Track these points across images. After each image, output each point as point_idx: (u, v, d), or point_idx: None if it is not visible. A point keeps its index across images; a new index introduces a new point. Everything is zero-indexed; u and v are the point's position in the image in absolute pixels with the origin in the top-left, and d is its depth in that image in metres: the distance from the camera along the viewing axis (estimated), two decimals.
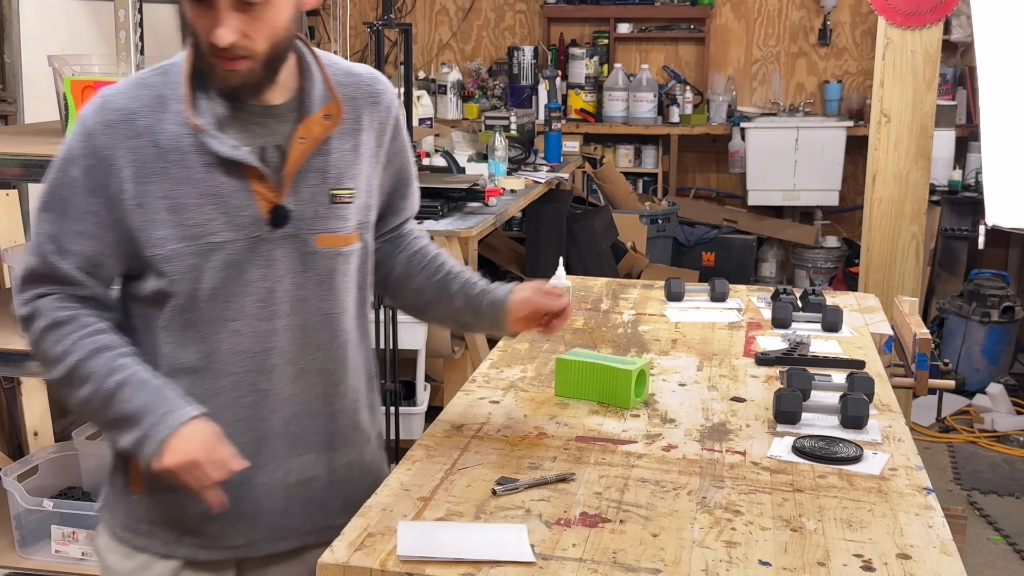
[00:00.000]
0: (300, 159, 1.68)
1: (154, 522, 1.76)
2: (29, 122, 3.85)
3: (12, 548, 2.72)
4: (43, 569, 2.69)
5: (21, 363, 2.62)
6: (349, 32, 6.25)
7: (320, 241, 1.72)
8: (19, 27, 3.93)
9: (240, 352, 1.70)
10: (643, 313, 2.81)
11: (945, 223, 6.14)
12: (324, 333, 1.76)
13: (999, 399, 5.33)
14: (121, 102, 1.65)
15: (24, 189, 3.87)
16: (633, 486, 1.73)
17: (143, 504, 1.76)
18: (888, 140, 4.57)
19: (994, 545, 4.06)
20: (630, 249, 6.03)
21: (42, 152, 2.55)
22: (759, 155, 6.66)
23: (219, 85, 1.63)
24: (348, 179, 1.74)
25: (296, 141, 1.68)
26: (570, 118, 6.97)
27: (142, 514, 1.76)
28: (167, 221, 1.64)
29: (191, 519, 1.74)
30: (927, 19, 4.48)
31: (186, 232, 1.64)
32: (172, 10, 5.23)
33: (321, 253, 1.72)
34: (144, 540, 1.77)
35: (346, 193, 1.74)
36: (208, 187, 1.64)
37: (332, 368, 1.78)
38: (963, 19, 6.18)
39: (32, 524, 2.69)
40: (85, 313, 1.67)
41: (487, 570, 1.45)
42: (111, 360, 1.63)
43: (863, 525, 1.61)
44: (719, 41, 7.11)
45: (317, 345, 1.75)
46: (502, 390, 2.18)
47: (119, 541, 1.79)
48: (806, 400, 2.06)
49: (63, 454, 2.90)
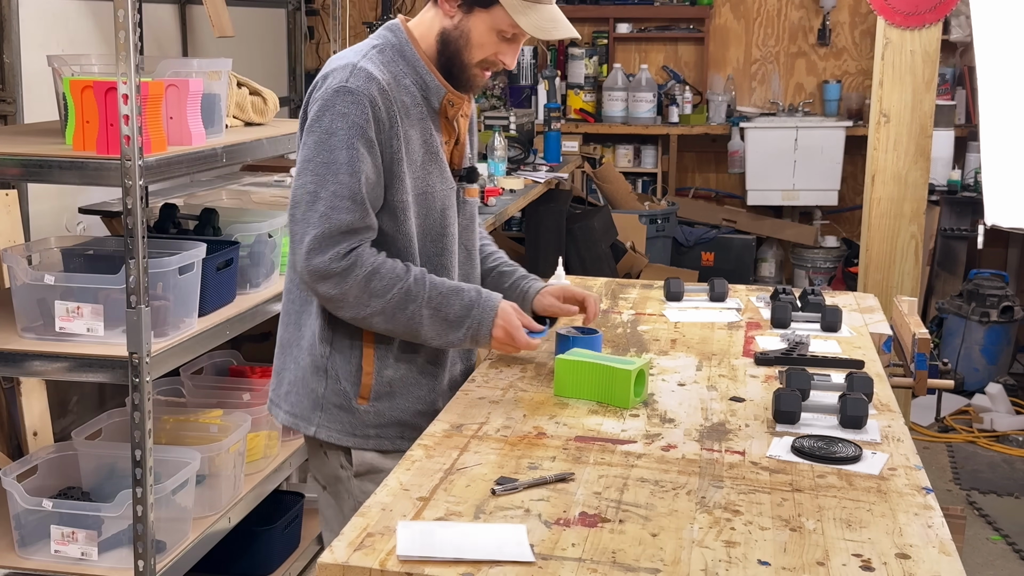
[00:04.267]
0: (464, 130, 2.25)
1: (380, 425, 2.17)
2: (29, 122, 3.85)
3: (11, 548, 2.72)
4: (42, 569, 2.68)
5: (21, 363, 2.63)
6: (349, 32, 6.25)
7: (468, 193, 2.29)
8: (19, 27, 3.92)
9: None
10: (642, 313, 2.81)
11: (944, 223, 6.14)
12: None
13: (998, 399, 5.33)
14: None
15: (24, 189, 3.87)
16: (632, 486, 1.74)
17: (371, 413, 2.16)
18: (887, 140, 4.57)
19: (993, 545, 4.06)
20: (629, 249, 6.03)
21: (42, 152, 2.55)
22: (758, 155, 6.66)
23: (472, 85, 2.16)
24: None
25: (459, 116, 2.21)
26: (569, 118, 6.97)
27: (370, 421, 2.16)
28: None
29: (411, 417, 2.17)
30: (926, 19, 4.48)
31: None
32: (172, 10, 5.23)
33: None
34: (375, 442, 2.17)
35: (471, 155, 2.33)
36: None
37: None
38: (962, 19, 6.18)
39: (31, 524, 2.69)
40: (383, 254, 2.08)
41: (487, 570, 1.45)
42: (422, 280, 2.08)
43: (862, 525, 1.61)
44: (718, 41, 7.11)
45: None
46: (502, 390, 2.19)
47: (355, 448, 2.17)
48: (805, 400, 2.06)
49: (62, 454, 2.89)
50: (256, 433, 3.18)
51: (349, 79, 2.05)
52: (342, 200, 2.02)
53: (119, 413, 3.02)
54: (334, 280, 2.03)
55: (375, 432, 2.17)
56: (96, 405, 4.27)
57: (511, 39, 2.10)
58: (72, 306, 2.62)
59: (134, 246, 2.47)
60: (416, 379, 2.20)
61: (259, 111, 3.35)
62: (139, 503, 2.57)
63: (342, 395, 2.16)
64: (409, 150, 2.10)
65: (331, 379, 2.16)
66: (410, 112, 2.10)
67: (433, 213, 2.16)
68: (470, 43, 2.09)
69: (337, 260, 2.02)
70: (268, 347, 4.13)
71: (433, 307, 2.08)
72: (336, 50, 3.70)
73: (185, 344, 2.72)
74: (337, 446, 2.19)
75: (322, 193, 2.02)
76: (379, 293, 2.04)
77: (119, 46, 2.39)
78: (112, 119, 2.46)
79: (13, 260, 2.67)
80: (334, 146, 2.03)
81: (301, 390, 2.19)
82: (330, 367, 2.16)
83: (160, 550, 2.68)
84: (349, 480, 2.20)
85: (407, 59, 2.13)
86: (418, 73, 2.12)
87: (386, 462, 2.14)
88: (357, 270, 2.03)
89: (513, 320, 2.14)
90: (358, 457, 2.18)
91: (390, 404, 2.17)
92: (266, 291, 3.16)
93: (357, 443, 2.17)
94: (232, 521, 3.02)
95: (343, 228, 2.02)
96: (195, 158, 2.73)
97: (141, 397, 2.53)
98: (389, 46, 2.14)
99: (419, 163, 2.12)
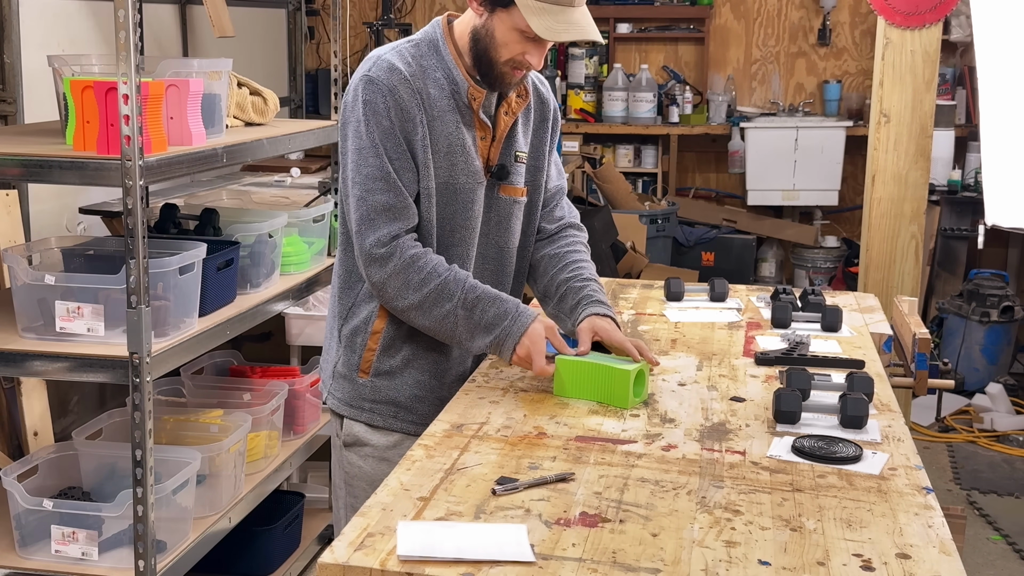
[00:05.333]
0: (504, 127, 2.26)
1: (376, 401, 2.25)
2: (29, 122, 3.85)
3: (12, 548, 2.72)
4: (43, 569, 2.68)
5: (21, 363, 2.63)
6: (349, 32, 6.25)
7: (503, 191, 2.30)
8: (19, 27, 3.92)
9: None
10: (643, 313, 2.81)
11: (944, 223, 6.14)
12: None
13: (998, 399, 5.33)
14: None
15: (24, 189, 3.87)
16: (633, 486, 1.74)
17: (368, 387, 2.25)
18: (887, 140, 4.57)
19: (993, 545, 4.06)
20: (630, 249, 6.03)
21: (42, 152, 2.55)
22: (759, 155, 6.66)
23: (502, 83, 2.18)
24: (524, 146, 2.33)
25: (501, 114, 2.25)
26: (570, 118, 6.97)
27: (366, 395, 2.25)
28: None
29: (406, 400, 2.24)
30: (926, 19, 4.48)
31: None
32: (172, 10, 5.24)
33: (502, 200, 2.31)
34: (367, 415, 2.26)
35: (522, 155, 2.32)
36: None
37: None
38: (962, 19, 6.18)
39: (32, 524, 2.68)
40: (421, 245, 2.14)
41: (487, 570, 1.45)
42: (463, 281, 2.13)
43: (863, 525, 1.61)
44: (719, 41, 7.11)
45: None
46: (502, 390, 2.19)
47: (347, 418, 2.27)
48: (806, 400, 2.06)
49: (63, 454, 2.89)
50: (256, 433, 3.18)
51: (371, 69, 2.15)
52: (375, 182, 2.11)
53: (119, 413, 3.02)
54: (377, 265, 2.12)
55: (369, 405, 2.26)
56: (96, 405, 4.27)
57: (535, 39, 2.11)
58: (72, 306, 2.63)
59: (134, 246, 2.47)
60: (420, 364, 2.25)
61: (259, 111, 3.35)
62: (139, 503, 2.57)
63: (348, 366, 2.27)
64: (434, 139, 2.16)
65: (343, 350, 2.27)
66: (437, 103, 2.16)
67: (454, 205, 2.20)
68: (495, 42, 2.13)
69: (379, 246, 2.11)
70: (268, 347, 4.16)
71: (469, 309, 2.12)
72: (336, 50, 3.70)
73: (185, 344, 2.72)
74: (337, 414, 2.31)
75: (357, 178, 2.13)
76: (416, 286, 2.11)
77: (119, 46, 2.39)
78: (112, 119, 2.46)
79: (13, 260, 2.67)
80: (361, 133, 2.13)
81: (328, 358, 2.34)
82: (343, 338, 2.27)
83: (160, 550, 2.68)
84: (340, 449, 2.31)
85: (439, 54, 2.19)
86: (447, 67, 2.18)
87: (372, 436, 2.27)
88: (395, 259, 2.10)
89: (539, 345, 2.15)
90: (347, 427, 2.29)
91: (388, 383, 2.25)
92: (266, 291, 3.16)
93: (353, 413, 2.28)
94: (232, 521, 3.02)
95: (380, 208, 2.11)
96: (195, 158, 2.73)
97: (141, 397, 2.53)
98: (426, 41, 2.21)
99: (443, 154, 2.17)
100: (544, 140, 2.37)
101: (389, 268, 2.11)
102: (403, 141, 2.13)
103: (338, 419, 2.32)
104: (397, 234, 2.12)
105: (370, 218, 2.11)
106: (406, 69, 2.14)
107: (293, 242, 3.38)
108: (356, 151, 2.14)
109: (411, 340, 2.24)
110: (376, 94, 2.12)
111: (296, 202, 4.00)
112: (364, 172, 2.12)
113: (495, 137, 2.25)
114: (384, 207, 2.11)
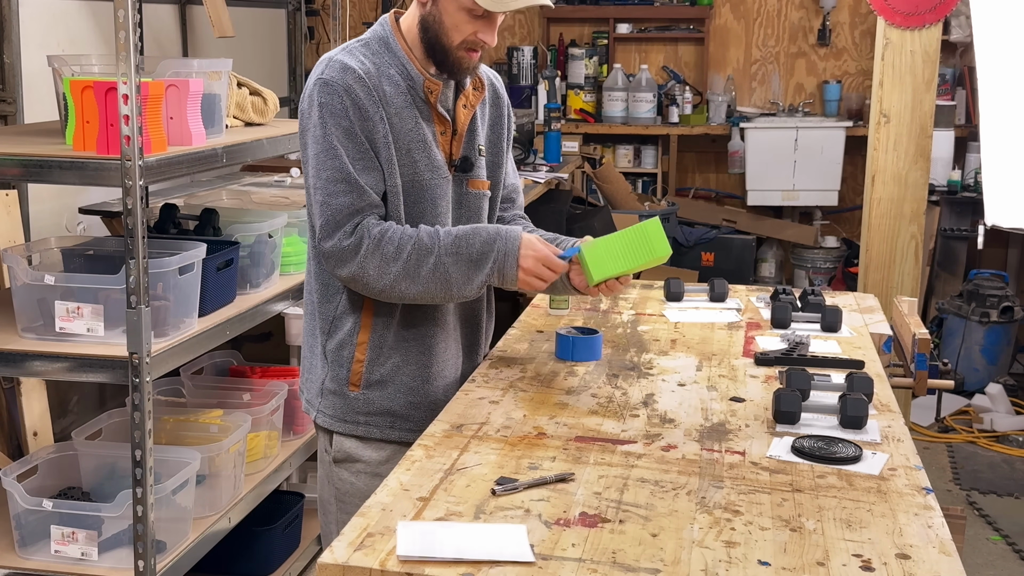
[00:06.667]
0: (464, 121, 2.23)
1: (370, 413, 2.21)
2: (29, 122, 3.85)
3: (11, 548, 2.72)
4: (42, 569, 2.68)
5: (21, 363, 2.63)
6: (349, 32, 6.25)
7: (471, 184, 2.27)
8: (19, 27, 3.92)
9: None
10: (642, 313, 2.81)
11: (944, 223, 6.14)
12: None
13: (998, 399, 5.33)
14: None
15: (24, 189, 3.87)
16: (632, 486, 1.74)
17: (360, 400, 2.20)
18: (887, 140, 4.58)
19: (993, 545, 4.06)
20: None
21: (42, 152, 2.55)
22: (758, 155, 6.66)
23: (459, 68, 2.15)
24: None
25: (460, 107, 2.23)
26: (569, 118, 6.97)
27: (360, 408, 2.21)
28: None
29: (401, 408, 2.21)
30: (926, 19, 4.48)
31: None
32: (172, 10, 5.23)
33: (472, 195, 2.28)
34: (363, 429, 2.21)
35: (483, 149, 2.29)
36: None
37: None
38: (962, 19, 6.18)
39: (31, 524, 2.68)
40: (390, 222, 2.11)
41: (487, 570, 1.45)
42: (435, 233, 2.09)
43: (862, 525, 1.61)
44: (718, 41, 7.11)
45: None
46: (501, 390, 2.19)
47: (338, 434, 2.22)
48: (805, 400, 2.06)
49: (62, 454, 2.89)
50: (256, 433, 3.18)
51: (325, 72, 2.12)
52: (336, 184, 2.08)
53: (119, 413, 3.02)
54: (348, 259, 2.07)
55: (364, 419, 2.22)
56: (96, 405, 4.27)
57: (484, 15, 2.09)
58: (72, 306, 2.63)
59: (134, 246, 2.47)
60: (410, 371, 2.22)
61: (259, 111, 3.35)
62: (139, 503, 2.57)
63: (337, 381, 2.22)
64: (395, 137, 2.13)
65: (330, 365, 2.22)
66: (394, 100, 2.13)
67: (423, 202, 2.18)
68: (444, 27, 2.11)
69: (345, 239, 2.07)
70: (268, 347, 4.16)
71: (454, 252, 2.08)
72: None
73: (185, 344, 2.72)
74: (327, 430, 2.26)
75: (317, 183, 2.09)
76: (393, 257, 2.07)
77: (119, 46, 2.39)
78: (112, 119, 2.46)
79: (13, 260, 2.67)
80: (319, 137, 2.09)
81: (311, 377, 2.27)
82: (328, 354, 2.22)
83: (160, 550, 2.68)
84: (329, 465, 2.28)
85: (391, 50, 2.17)
86: (401, 63, 2.16)
87: (364, 452, 2.23)
88: (365, 241, 2.07)
89: (539, 247, 2.11)
90: (337, 443, 2.25)
91: (381, 393, 2.21)
92: (266, 291, 3.16)
93: (347, 428, 2.23)
94: (232, 521, 3.02)
95: (344, 210, 2.07)
96: (195, 158, 2.73)
97: (141, 397, 2.53)
98: (376, 39, 2.20)
99: (405, 151, 2.15)
100: (501, 136, 2.35)
101: (362, 252, 2.06)
102: (365, 140, 2.10)
103: (326, 435, 2.27)
104: (359, 221, 2.08)
105: (334, 220, 2.08)
106: (360, 68, 2.11)
107: (293, 242, 3.38)
108: (315, 156, 2.10)
109: (398, 345, 2.21)
110: (332, 96, 2.09)
111: (296, 202, 3.99)
112: (324, 176, 2.08)
113: (456, 131, 2.22)
114: (347, 208, 2.07)
